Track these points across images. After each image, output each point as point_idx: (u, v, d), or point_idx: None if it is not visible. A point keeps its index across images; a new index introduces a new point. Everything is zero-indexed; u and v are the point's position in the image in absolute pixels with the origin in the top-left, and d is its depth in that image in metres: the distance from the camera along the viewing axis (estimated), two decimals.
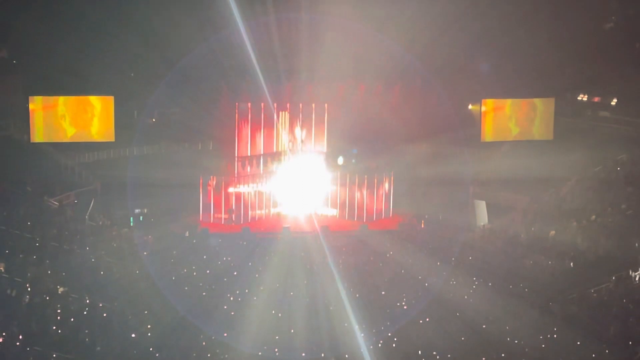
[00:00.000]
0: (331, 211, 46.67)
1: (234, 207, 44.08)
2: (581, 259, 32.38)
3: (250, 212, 44.89)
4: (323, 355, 24.80)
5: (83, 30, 42.45)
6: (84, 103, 43.68)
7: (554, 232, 35.45)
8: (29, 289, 25.57)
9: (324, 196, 46.86)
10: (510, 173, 43.34)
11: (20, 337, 22.35)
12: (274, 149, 47.20)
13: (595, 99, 49.92)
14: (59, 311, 24.79)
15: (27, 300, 24.91)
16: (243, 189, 44.81)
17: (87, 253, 31.35)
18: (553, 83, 47.48)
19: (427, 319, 27.34)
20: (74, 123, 43.36)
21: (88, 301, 26.46)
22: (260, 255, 35.83)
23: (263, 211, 45.77)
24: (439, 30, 44.93)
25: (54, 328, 23.71)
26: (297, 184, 47.11)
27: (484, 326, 26.87)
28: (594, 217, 35.81)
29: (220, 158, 47.13)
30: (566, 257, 32.71)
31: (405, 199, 45.04)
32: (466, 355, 24.95)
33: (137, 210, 42.94)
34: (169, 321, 26.20)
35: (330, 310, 28.27)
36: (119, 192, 41.71)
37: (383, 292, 30.46)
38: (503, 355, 24.73)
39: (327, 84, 48.92)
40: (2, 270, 26.11)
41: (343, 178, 46.13)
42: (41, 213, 34.89)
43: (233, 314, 27.57)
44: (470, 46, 46.29)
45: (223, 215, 43.97)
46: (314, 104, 47.29)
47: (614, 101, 48.99)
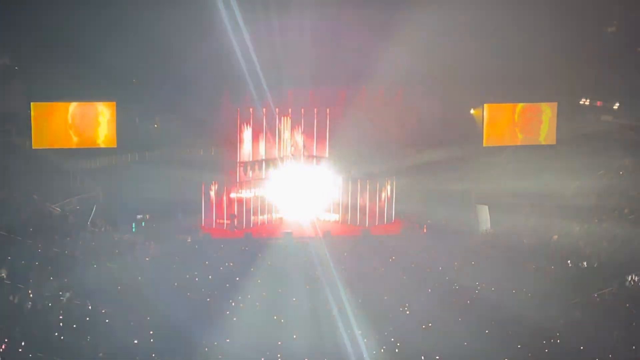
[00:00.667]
0: (333, 216, 46.63)
1: (236, 213, 44.07)
2: (584, 264, 32.35)
3: (252, 218, 44.85)
4: None
5: (85, 36, 42.46)
6: (86, 109, 43.60)
7: (556, 237, 35.45)
8: (31, 296, 25.58)
9: (326, 201, 46.82)
10: (513, 177, 43.36)
11: (23, 344, 22.35)
12: (276, 155, 47.18)
13: (598, 103, 49.88)
14: (62, 317, 24.80)
15: (29, 306, 24.93)
16: (245, 194, 44.81)
17: (89, 259, 31.36)
18: (555, 87, 47.42)
19: (430, 325, 27.34)
20: (76, 129, 43.28)
21: (90, 307, 26.47)
22: (262, 261, 35.83)
23: (265, 216, 45.72)
24: (440, 35, 44.96)
25: (57, 334, 23.72)
26: (299, 189, 47.11)
27: (487, 331, 26.86)
28: (596, 222, 35.80)
29: (222, 163, 47.15)
30: (569, 262, 32.68)
31: (408, 203, 44.96)
32: None
33: (139, 216, 42.90)
34: (171, 327, 26.20)
35: (333, 316, 28.26)
36: (121, 198, 41.71)
37: (386, 298, 30.44)
38: None
39: (329, 89, 48.97)
40: (4, 276, 26.13)
41: (345, 183, 46.08)
42: (43, 219, 34.89)
43: (235, 319, 27.57)
44: (472, 50, 46.23)
45: (225, 221, 43.93)
46: (315, 109, 47.27)
47: (616, 105, 48.95)
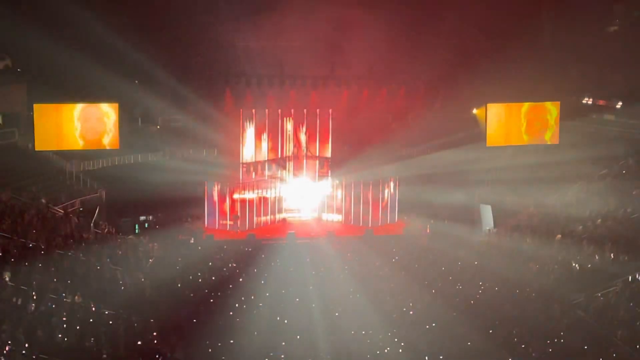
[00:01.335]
0: (336, 216, 46.63)
1: (239, 214, 44.08)
2: (587, 263, 32.31)
3: (255, 218, 44.87)
4: None
5: (87, 37, 42.58)
6: (88, 110, 43.59)
7: (560, 236, 35.40)
8: (35, 297, 25.58)
9: (329, 201, 46.82)
10: (516, 177, 43.38)
11: (27, 346, 22.37)
12: (279, 155, 47.22)
13: (601, 102, 49.88)
14: (65, 319, 24.81)
15: (33, 308, 24.93)
16: (248, 195, 44.81)
17: (92, 261, 31.36)
18: (558, 86, 47.44)
19: (434, 324, 27.33)
20: (79, 130, 43.29)
21: (94, 309, 26.48)
22: (265, 262, 35.84)
23: (268, 217, 45.74)
24: (443, 34, 45.04)
25: (60, 336, 23.73)
26: (302, 189, 47.15)
27: (491, 331, 26.85)
28: (599, 221, 35.75)
29: (224, 164, 47.21)
30: (572, 261, 32.65)
31: (411, 203, 44.97)
32: None
33: (142, 218, 42.99)
34: (174, 328, 26.21)
35: (336, 316, 28.27)
36: (124, 200, 41.76)
37: (389, 298, 30.43)
38: None
39: (331, 89, 49.07)
40: (8, 278, 26.12)
41: (348, 184, 46.05)
42: (46, 221, 34.90)
43: (238, 320, 27.58)
44: (474, 50, 46.32)
45: (228, 222, 43.95)
46: (318, 110, 47.29)
47: (619, 104, 48.95)
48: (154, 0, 45.96)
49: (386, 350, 25.28)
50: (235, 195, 44.40)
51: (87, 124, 43.37)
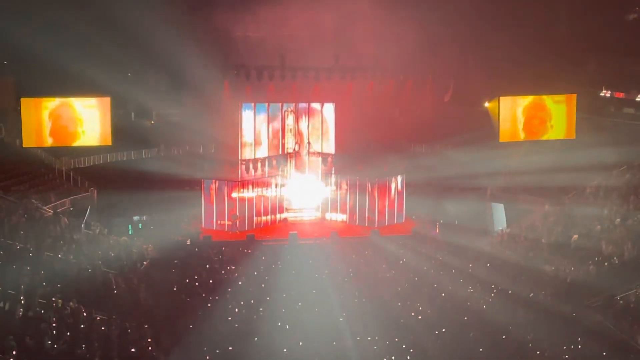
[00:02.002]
0: (340, 216, 46.61)
1: (238, 213, 44.06)
2: (605, 265, 32.28)
3: (255, 218, 44.84)
4: None
5: (77, 29, 42.54)
6: (79, 104, 43.54)
7: (576, 237, 35.39)
8: (23, 302, 25.57)
9: (333, 200, 46.79)
10: (529, 174, 43.31)
11: (14, 353, 22.34)
12: (280, 151, 47.17)
13: (619, 95, 49.76)
14: (55, 325, 24.78)
15: (21, 313, 24.91)
16: (247, 193, 44.79)
17: (84, 263, 31.34)
18: (574, 78, 47.34)
19: (444, 330, 27.27)
20: (69, 126, 43.22)
21: (85, 314, 26.45)
22: (266, 264, 35.84)
23: (269, 217, 45.74)
24: (453, 23, 44.96)
25: (50, 343, 23.70)
26: (304, 188, 47.10)
27: (504, 337, 26.79)
28: (618, 221, 35.70)
29: (223, 161, 47.19)
30: (590, 263, 32.62)
31: (419, 202, 44.93)
32: None
33: (136, 218, 42.98)
34: (170, 334, 26.19)
35: (341, 321, 28.22)
36: (116, 199, 41.76)
37: (396, 302, 30.38)
38: None
39: (335, 81, 49.00)
40: None
41: (353, 181, 45.99)
42: (35, 221, 34.89)
43: (237, 326, 27.54)
44: (486, 40, 46.24)
45: (226, 222, 43.94)
46: (321, 103, 47.23)
47: (638, 97, 48.85)
48: None
49: (393, 358, 25.23)
50: (234, 194, 44.40)
51: (78, 119, 43.35)
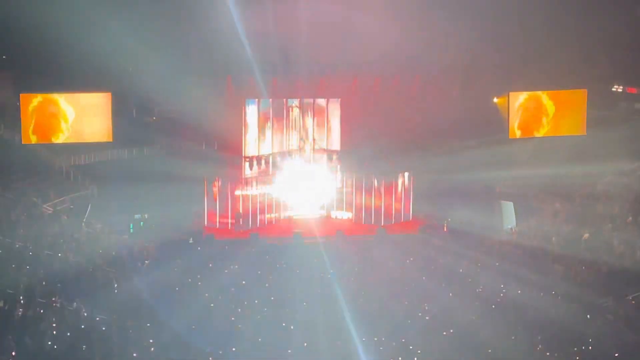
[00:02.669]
0: (346, 214, 46.70)
1: (241, 212, 44.17)
2: (617, 264, 32.32)
3: (258, 217, 44.95)
4: None
5: (77, 22, 42.57)
6: (79, 100, 43.66)
7: (587, 235, 35.41)
8: (22, 302, 25.73)
9: (338, 198, 46.86)
10: (539, 171, 43.34)
11: (13, 354, 22.49)
12: (284, 148, 47.25)
13: (631, 90, 49.70)
14: (55, 325, 24.92)
15: (20, 313, 25.06)
16: (251, 191, 44.91)
17: (84, 262, 31.50)
18: (585, 73, 47.28)
19: (451, 330, 27.36)
20: (69, 122, 43.32)
21: (85, 314, 26.59)
22: (270, 263, 35.95)
23: (273, 215, 45.84)
24: (461, 17, 44.90)
25: (49, 343, 23.84)
26: (309, 185, 47.17)
27: (513, 337, 26.86)
28: (630, 219, 35.75)
29: (225, 158, 47.24)
30: (601, 262, 32.66)
31: (426, 200, 44.98)
32: None
33: (137, 216, 43.11)
34: (172, 335, 26.33)
35: (346, 322, 28.29)
36: (117, 197, 41.88)
37: (404, 302, 30.48)
38: None
39: (341, 76, 48.93)
40: None
41: (359, 178, 46.08)
42: (34, 219, 35.05)
43: (241, 326, 27.66)
44: (496, 34, 46.17)
45: (230, 220, 44.05)
46: (327, 99, 47.28)
47: None
48: None
49: (400, 359, 25.35)
50: (237, 192, 44.52)
51: (78, 115, 43.44)
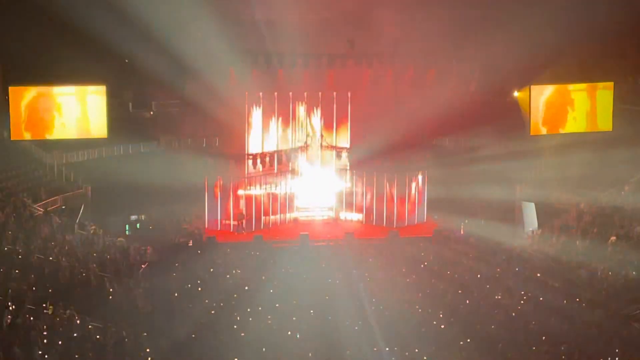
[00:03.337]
0: (356, 216, 46.61)
1: (244, 212, 44.12)
2: None
3: (263, 218, 44.88)
4: None
5: (70, 11, 42.52)
6: (71, 93, 43.61)
7: (614, 238, 35.31)
8: (11, 309, 25.67)
9: (348, 199, 46.78)
10: (563, 170, 43.21)
11: None
12: (290, 145, 47.16)
13: None
14: (45, 333, 24.86)
15: (9, 321, 25.00)
16: (255, 191, 44.85)
17: (77, 266, 31.44)
18: (612, 65, 47.15)
19: (469, 340, 27.25)
20: (61, 117, 43.31)
21: (78, 322, 26.52)
22: (274, 268, 35.87)
23: (278, 216, 45.77)
24: (481, 5, 44.79)
25: (40, 353, 23.79)
26: (317, 185, 47.09)
27: (534, 348, 26.75)
28: None
29: (228, 156, 47.21)
30: (629, 266, 32.53)
31: (442, 201, 44.86)
32: None
33: (134, 217, 43.11)
34: (171, 344, 26.25)
35: (356, 330, 28.22)
36: (112, 196, 41.86)
37: (417, 309, 30.35)
38: None
39: (351, 68, 48.87)
40: None
41: (369, 177, 45.94)
42: (24, 221, 35.01)
43: (244, 334, 27.58)
44: (516, 23, 46.01)
45: (232, 222, 44.00)
46: (335, 93, 47.18)
47: None
48: None
49: None
50: (240, 192, 44.47)
51: (70, 110, 43.43)
